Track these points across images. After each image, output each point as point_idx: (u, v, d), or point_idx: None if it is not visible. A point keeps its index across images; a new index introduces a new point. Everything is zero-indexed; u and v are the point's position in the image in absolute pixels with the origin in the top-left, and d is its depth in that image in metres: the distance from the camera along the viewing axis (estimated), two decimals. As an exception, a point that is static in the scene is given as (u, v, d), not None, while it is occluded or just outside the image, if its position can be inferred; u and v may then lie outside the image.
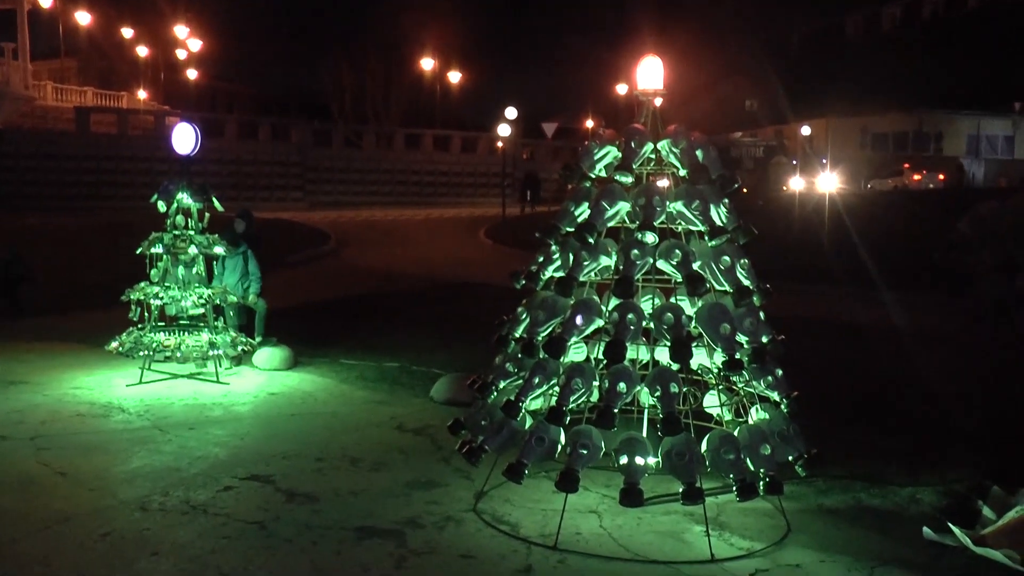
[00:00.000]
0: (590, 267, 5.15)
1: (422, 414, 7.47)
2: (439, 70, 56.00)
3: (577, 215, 5.27)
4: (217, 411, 7.53)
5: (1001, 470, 5.74)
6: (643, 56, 5.43)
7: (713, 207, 5.11)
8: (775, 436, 4.99)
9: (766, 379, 5.08)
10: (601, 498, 5.42)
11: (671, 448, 4.73)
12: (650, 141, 5.24)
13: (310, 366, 9.24)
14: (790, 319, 6.26)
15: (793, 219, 23.14)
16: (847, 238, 19.81)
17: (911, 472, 6.00)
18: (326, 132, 47.95)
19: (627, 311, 4.90)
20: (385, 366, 9.27)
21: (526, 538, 4.87)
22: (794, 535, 4.97)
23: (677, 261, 4.97)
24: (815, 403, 5.68)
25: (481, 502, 5.36)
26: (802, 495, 5.54)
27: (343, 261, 22.34)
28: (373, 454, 6.34)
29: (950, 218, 21.59)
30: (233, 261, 9.63)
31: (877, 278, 15.61)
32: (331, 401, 7.95)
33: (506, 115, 35.15)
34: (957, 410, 7.97)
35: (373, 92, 50.95)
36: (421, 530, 4.97)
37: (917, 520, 5.12)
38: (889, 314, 12.79)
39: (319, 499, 5.43)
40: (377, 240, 27.77)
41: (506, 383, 5.29)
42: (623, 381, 4.81)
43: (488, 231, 30.18)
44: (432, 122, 53.20)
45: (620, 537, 4.91)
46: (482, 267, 20.65)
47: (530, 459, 4.90)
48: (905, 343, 11.04)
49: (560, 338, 4.95)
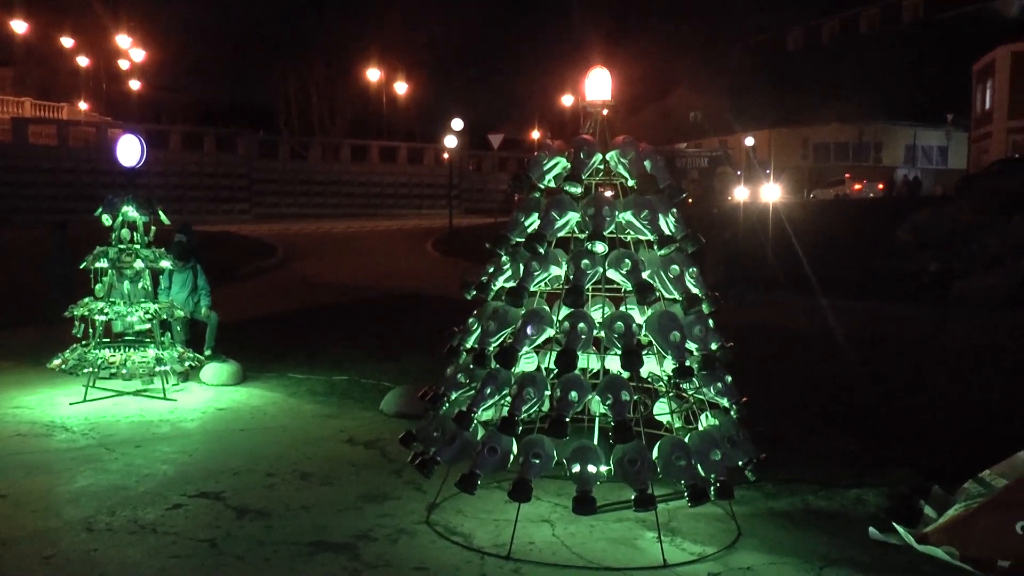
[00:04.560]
0: (540, 277, 5.18)
1: (372, 427, 7.43)
2: (385, 81, 55.86)
3: (527, 225, 5.30)
4: (165, 428, 7.41)
5: (941, 470, 5.89)
6: (591, 68, 5.48)
7: (662, 216, 5.17)
8: (725, 442, 5.06)
9: (716, 385, 5.15)
10: (553, 507, 5.44)
11: (623, 456, 4.77)
12: (599, 152, 5.29)
13: (259, 381, 9.14)
14: (737, 326, 6.36)
15: (738, 228, 23.45)
16: (790, 246, 20.15)
17: (856, 474, 6.12)
18: (272, 144, 47.58)
19: (578, 320, 4.93)
20: (334, 379, 9.21)
21: (479, 548, 4.87)
22: (745, 538, 5.04)
23: (627, 270, 5.02)
24: (763, 408, 5.77)
25: (434, 514, 5.35)
26: (752, 499, 5.62)
27: (290, 274, 22.15)
28: (324, 468, 6.29)
29: (890, 226, 22.14)
30: (182, 276, 9.51)
31: (820, 285, 15.90)
32: (280, 415, 7.87)
33: (452, 126, 35.17)
34: (900, 412, 8.16)
35: (319, 103, 50.70)
36: (374, 543, 4.94)
37: (863, 521, 5.23)
38: (833, 320, 13.03)
39: (270, 515, 5.37)
40: (324, 252, 27.58)
41: (458, 394, 5.29)
42: (575, 390, 4.84)
43: (435, 242, 30.18)
44: (379, 133, 53.06)
45: (573, 545, 4.93)
46: (430, 278, 20.63)
47: (483, 469, 4.90)
48: (848, 348, 11.24)
49: (511, 348, 4.97)
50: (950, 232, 20.98)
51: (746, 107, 63.56)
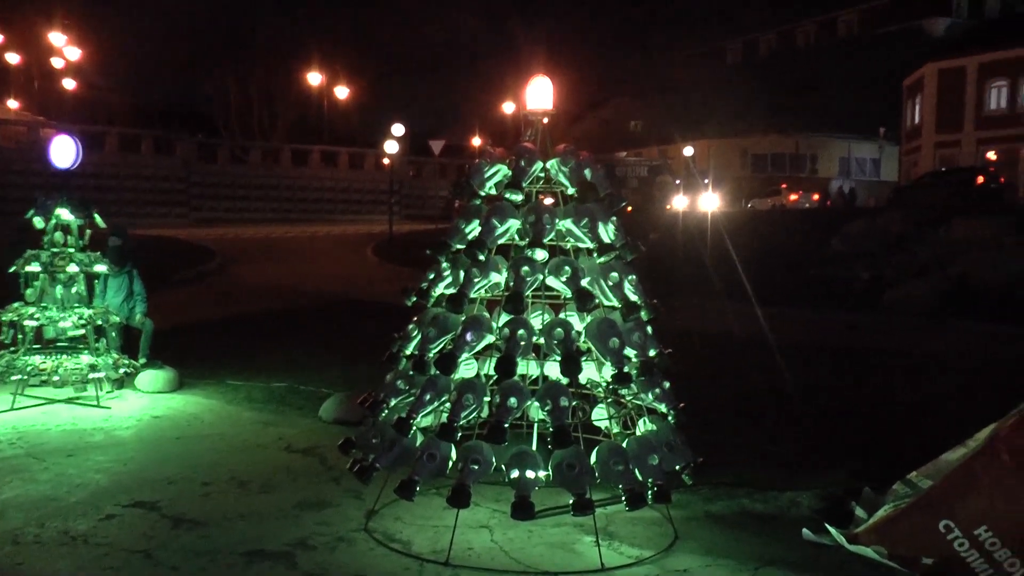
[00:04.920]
0: (481, 284, 5.20)
1: (311, 434, 7.37)
2: (326, 85, 55.40)
3: (468, 232, 5.32)
4: (98, 436, 7.26)
5: (872, 473, 6.05)
6: (532, 76, 5.53)
7: (601, 224, 5.23)
8: (663, 446, 5.13)
9: (654, 391, 5.22)
10: (492, 513, 5.46)
11: (561, 461, 4.80)
12: (539, 160, 5.34)
13: (196, 388, 9.01)
14: (675, 333, 6.46)
15: (677, 237, 23.78)
16: (728, 255, 20.48)
17: (791, 477, 6.25)
18: (211, 147, 46.88)
19: (518, 327, 4.97)
20: (273, 386, 9.12)
21: (418, 555, 4.86)
22: (681, 542, 5.11)
23: (566, 277, 5.07)
24: (701, 414, 5.86)
25: (372, 521, 5.33)
26: (689, 503, 5.70)
27: (229, 279, 21.87)
28: (262, 476, 6.23)
29: (825, 235, 22.66)
30: (117, 280, 9.32)
31: (757, 292, 16.18)
32: (218, 423, 7.76)
33: (393, 132, 35.03)
34: (832, 417, 8.35)
35: (260, 106, 50.12)
36: (312, 552, 4.91)
37: (797, 522, 5.33)
38: (768, 326, 13.27)
39: (207, 524, 5.29)
40: (264, 257, 27.28)
41: (397, 400, 5.28)
42: (514, 396, 4.87)
43: (375, 248, 30.07)
44: (320, 138, 52.62)
45: (511, 550, 4.95)
46: (369, 284, 20.55)
47: (422, 476, 4.90)
48: (784, 354, 11.45)
49: (451, 354, 4.98)
50: (882, 242, 21.56)
51: (686, 117, 64.52)
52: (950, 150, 48.56)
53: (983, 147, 47.27)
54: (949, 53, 50.30)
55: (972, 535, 4.40)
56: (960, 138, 48.33)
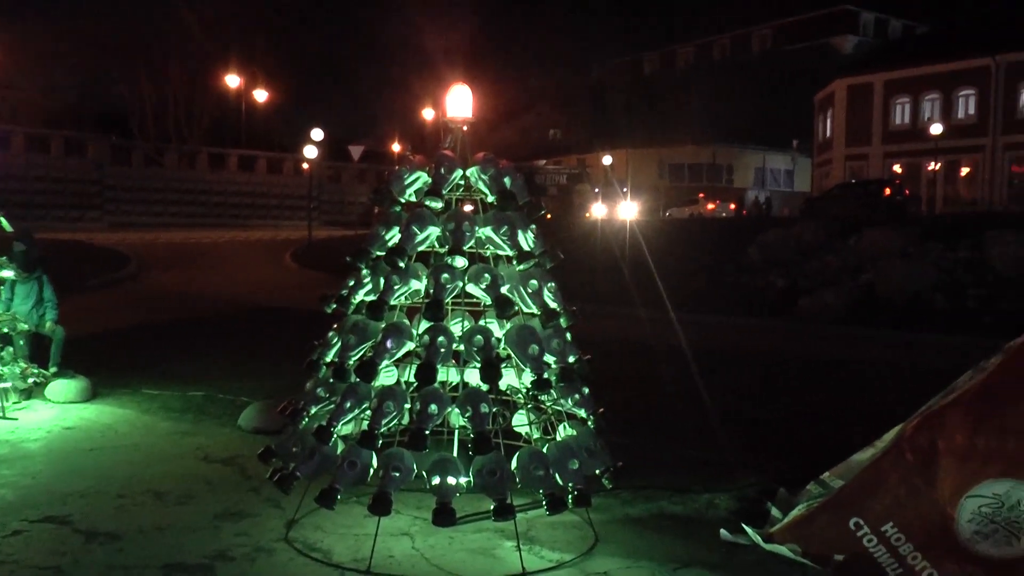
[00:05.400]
0: (401, 291, 5.20)
1: (229, 443, 7.24)
2: (245, 88, 54.43)
3: (388, 239, 5.32)
4: (4, 449, 7.00)
5: (786, 474, 6.22)
6: (452, 84, 5.56)
7: (521, 232, 5.28)
8: (583, 451, 5.19)
9: (573, 397, 5.28)
10: (413, 520, 5.45)
11: (482, 467, 4.83)
12: (459, 167, 5.37)
13: (110, 397, 8.77)
14: (594, 340, 6.55)
15: (595, 245, 24.03)
16: (645, 263, 20.79)
17: (708, 480, 6.38)
18: (125, 148, 45.64)
19: (438, 334, 4.98)
20: (190, 395, 8.93)
21: (339, 564, 4.83)
22: (601, 544, 5.18)
23: (486, 284, 5.11)
24: (620, 419, 5.96)
25: (292, 531, 5.28)
26: (608, 506, 5.78)
27: (144, 285, 21.36)
28: (179, 487, 6.09)
29: (741, 244, 23.17)
30: (26, 287, 9.02)
31: (674, 299, 16.47)
32: (133, 433, 7.57)
33: (312, 137, 34.67)
34: (748, 421, 8.55)
35: (175, 108, 48.99)
36: (232, 563, 4.83)
37: (714, 523, 5.46)
38: (686, 333, 13.51)
39: (122, 537, 5.16)
40: (180, 263, 26.71)
41: (318, 408, 5.25)
42: (434, 403, 4.88)
43: (294, 254, 29.72)
44: (237, 142, 51.71)
45: (433, 557, 4.96)
46: (288, 291, 20.30)
47: (343, 484, 4.88)
48: (701, 360, 11.67)
49: (372, 362, 4.97)
50: (796, 251, 22.15)
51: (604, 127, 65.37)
52: (859, 163, 50.31)
53: (889, 160, 49.16)
54: (857, 70, 52.17)
55: (880, 531, 4.58)
56: (869, 151, 50.11)
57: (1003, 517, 4.35)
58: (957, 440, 4.51)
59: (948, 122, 44.76)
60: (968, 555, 4.37)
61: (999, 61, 44.56)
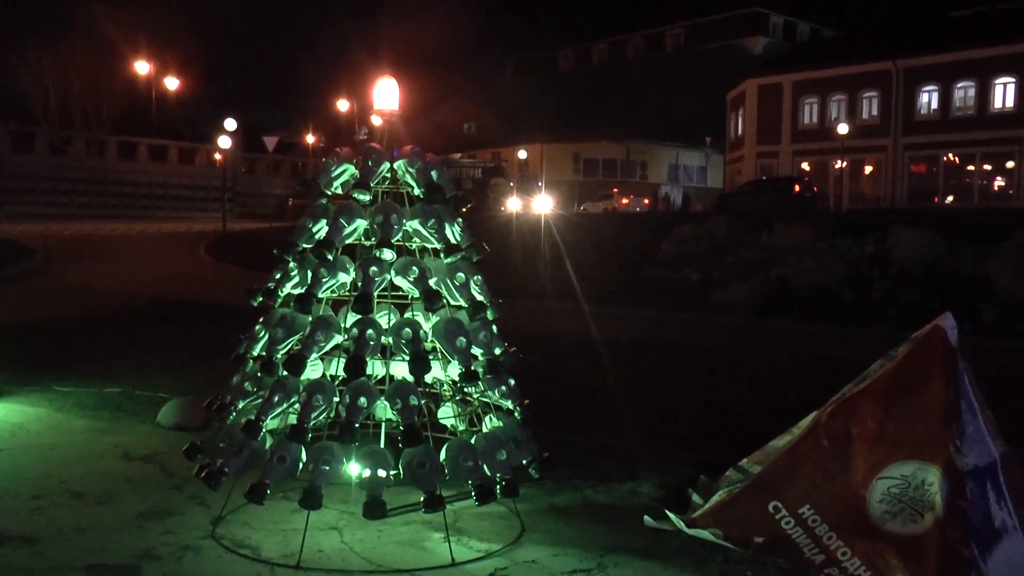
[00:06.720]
0: (329, 284, 5.19)
1: (149, 441, 7.09)
2: (156, 75, 52.97)
3: (315, 232, 5.29)
4: (-94, 449, 6.74)
5: (706, 462, 6.41)
6: (377, 77, 5.55)
7: (448, 225, 5.31)
8: (510, 442, 5.26)
9: (500, 389, 5.34)
10: (340, 514, 5.44)
11: (411, 459, 4.86)
12: (387, 160, 5.37)
13: (18, 395, 8.48)
14: (515, 333, 6.63)
15: (511, 238, 24.17)
16: (561, 256, 21.00)
17: (631, 469, 6.52)
18: (27, 135, 43.98)
19: (366, 327, 4.98)
20: (106, 392, 8.70)
21: (268, 560, 4.80)
22: (529, 534, 5.26)
23: (414, 278, 5.12)
24: (545, 410, 6.03)
25: (219, 528, 5.21)
26: (535, 496, 5.87)
27: (51, 279, 20.67)
28: (98, 486, 5.94)
29: (656, 239, 23.58)
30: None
31: (591, 293, 16.69)
32: (46, 432, 7.33)
33: (226, 126, 33.92)
34: (667, 411, 8.75)
35: (82, 94, 47.35)
36: (158, 562, 4.75)
37: (638, 511, 5.58)
38: (602, 326, 13.72)
39: (40, 540, 5.00)
40: (89, 256, 25.92)
41: (245, 403, 5.19)
42: (363, 396, 4.88)
43: (208, 247, 29.16)
44: (148, 131, 50.32)
45: (362, 550, 4.97)
46: (202, 284, 19.92)
47: (272, 479, 4.84)
48: (619, 352, 11.90)
49: (300, 355, 4.94)
50: (709, 245, 22.65)
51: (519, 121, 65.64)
52: (770, 160, 51.72)
53: (798, 158, 50.67)
54: (768, 71, 53.65)
55: (797, 514, 4.76)
56: (779, 149, 51.54)
57: (909, 497, 4.57)
58: (868, 425, 4.72)
59: (853, 122, 46.36)
60: (878, 533, 4.58)
61: (899, 65, 46.35)
